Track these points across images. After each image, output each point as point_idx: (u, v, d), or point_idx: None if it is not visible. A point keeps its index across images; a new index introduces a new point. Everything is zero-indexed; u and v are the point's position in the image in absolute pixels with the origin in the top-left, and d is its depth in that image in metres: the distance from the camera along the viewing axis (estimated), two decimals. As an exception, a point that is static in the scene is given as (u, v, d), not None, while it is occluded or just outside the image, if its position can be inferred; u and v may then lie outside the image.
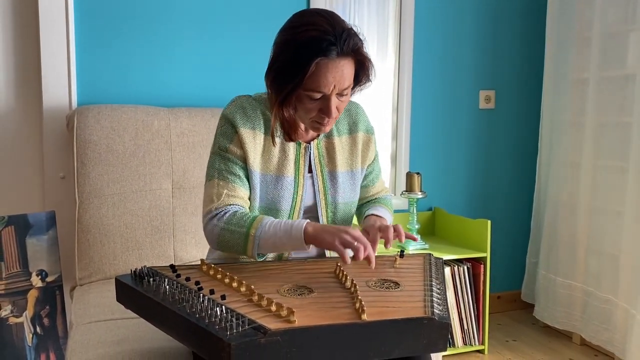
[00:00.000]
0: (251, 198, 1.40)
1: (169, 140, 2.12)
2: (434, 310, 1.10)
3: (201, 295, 1.10)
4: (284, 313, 1.04)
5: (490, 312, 2.89)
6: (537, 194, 2.90)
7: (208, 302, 1.07)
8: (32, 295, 1.87)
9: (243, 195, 1.38)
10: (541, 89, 2.88)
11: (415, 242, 2.49)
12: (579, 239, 2.60)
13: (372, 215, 1.50)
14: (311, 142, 1.46)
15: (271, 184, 1.41)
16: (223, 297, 1.09)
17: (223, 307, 1.05)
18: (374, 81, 1.40)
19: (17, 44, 2.20)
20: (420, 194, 2.53)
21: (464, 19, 2.84)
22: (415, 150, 2.82)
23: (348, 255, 1.22)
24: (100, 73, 2.26)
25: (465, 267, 2.50)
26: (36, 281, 1.88)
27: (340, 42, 1.27)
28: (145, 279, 1.20)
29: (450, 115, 2.87)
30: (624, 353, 2.33)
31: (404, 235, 1.37)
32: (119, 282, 1.24)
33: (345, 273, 1.26)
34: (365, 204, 1.60)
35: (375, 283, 1.25)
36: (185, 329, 1.04)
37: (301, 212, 1.43)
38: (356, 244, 1.22)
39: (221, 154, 1.40)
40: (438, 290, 1.23)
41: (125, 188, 2.06)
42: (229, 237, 1.32)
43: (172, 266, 1.29)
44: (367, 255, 1.24)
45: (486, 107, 2.94)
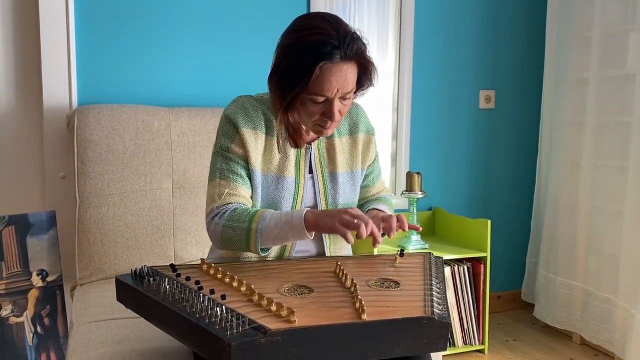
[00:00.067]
0: (253, 198, 1.40)
1: (169, 140, 2.12)
2: (434, 309, 1.10)
3: (201, 294, 1.10)
4: (284, 313, 1.04)
5: (490, 312, 2.89)
6: (537, 194, 2.90)
7: (208, 302, 1.07)
8: (33, 294, 1.87)
9: (245, 194, 1.38)
10: (541, 89, 2.88)
11: (415, 242, 2.50)
12: (579, 239, 2.60)
13: (374, 209, 1.51)
14: (312, 143, 1.46)
15: (272, 185, 1.41)
16: (223, 297, 1.09)
17: (223, 307, 1.05)
18: (376, 85, 1.40)
19: (18, 43, 2.20)
20: (420, 193, 2.53)
21: (464, 19, 2.84)
22: (415, 150, 2.82)
23: (350, 234, 1.22)
24: (101, 73, 2.26)
25: (465, 267, 2.50)
26: (37, 281, 1.88)
27: (344, 46, 1.27)
28: (146, 278, 1.20)
29: (450, 115, 2.87)
30: (623, 353, 2.33)
31: (407, 224, 1.36)
32: (119, 282, 1.24)
33: (345, 272, 1.26)
34: (364, 204, 1.60)
35: (375, 282, 1.26)
36: (186, 328, 1.04)
37: (302, 213, 1.44)
38: (356, 221, 1.22)
39: (223, 153, 1.40)
40: (438, 290, 1.23)
41: (126, 188, 2.06)
42: (231, 234, 1.32)
43: (172, 266, 1.29)
44: (372, 233, 1.24)
45: (486, 107, 2.94)
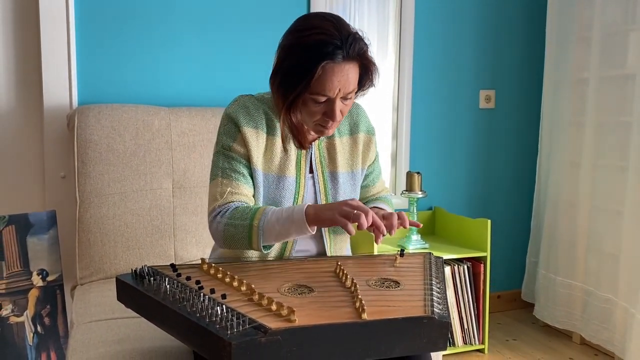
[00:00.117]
0: (255, 197, 1.40)
1: (170, 140, 2.13)
2: (434, 309, 1.10)
3: (202, 294, 1.10)
4: (285, 312, 1.04)
5: (490, 312, 2.90)
6: (537, 194, 2.90)
7: (208, 302, 1.07)
8: (33, 294, 1.88)
9: (247, 192, 1.38)
10: (541, 89, 2.89)
11: (415, 242, 2.50)
12: (579, 239, 2.60)
13: (374, 207, 1.51)
14: (312, 143, 1.46)
15: (273, 184, 1.41)
16: (223, 297, 1.09)
17: (223, 307, 1.05)
18: (377, 85, 1.41)
19: (18, 43, 2.20)
20: (420, 193, 2.53)
21: (464, 18, 2.85)
22: (416, 149, 2.82)
23: (351, 225, 1.22)
24: (101, 73, 2.26)
25: (465, 267, 2.50)
26: (37, 280, 1.88)
27: (346, 46, 1.27)
28: (146, 278, 1.20)
29: (450, 115, 2.87)
30: (623, 352, 2.33)
31: (407, 221, 1.37)
32: (120, 282, 1.25)
33: (345, 272, 1.26)
34: (365, 203, 1.60)
35: (375, 282, 1.26)
36: (186, 328, 1.04)
37: (302, 212, 1.44)
38: (356, 212, 1.22)
39: (224, 152, 1.40)
40: (438, 290, 1.23)
41: (126, 187, 2.06)
42: (233, 232, 1.32)
43: (173, 265, 1.29)
44: (374, 223, 1.24)
45: (486, 107, 2.94)
